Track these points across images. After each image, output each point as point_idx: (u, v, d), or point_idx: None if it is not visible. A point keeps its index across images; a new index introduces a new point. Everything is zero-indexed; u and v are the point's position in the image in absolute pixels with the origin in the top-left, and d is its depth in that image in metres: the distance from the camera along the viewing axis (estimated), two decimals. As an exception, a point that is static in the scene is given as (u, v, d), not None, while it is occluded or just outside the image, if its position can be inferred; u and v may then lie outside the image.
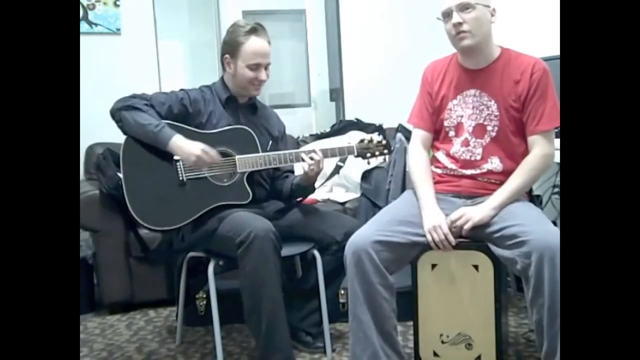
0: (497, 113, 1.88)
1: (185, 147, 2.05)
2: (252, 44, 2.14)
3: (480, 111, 1.90)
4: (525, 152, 1.88)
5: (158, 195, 2.07)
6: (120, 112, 2.07)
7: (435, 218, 1.83)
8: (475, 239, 1.84)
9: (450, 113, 1.95)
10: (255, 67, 2.15)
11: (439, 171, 1.99)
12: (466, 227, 1.80)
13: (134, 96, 2.10)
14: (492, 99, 1.89)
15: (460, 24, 1.82)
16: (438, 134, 2.01)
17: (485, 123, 1.89)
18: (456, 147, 1.94)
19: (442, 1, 1.87)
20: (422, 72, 2.06)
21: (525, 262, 1.65)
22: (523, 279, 1.71)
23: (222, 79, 2.27)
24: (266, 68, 2.19)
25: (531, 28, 2.99)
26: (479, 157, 1.90)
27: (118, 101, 2.09)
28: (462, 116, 1.93)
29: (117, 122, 2.09)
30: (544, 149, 1.85)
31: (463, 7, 1.82)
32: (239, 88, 2.21)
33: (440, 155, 1.99)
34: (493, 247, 1.79)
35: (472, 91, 1.92)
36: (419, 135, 2.04)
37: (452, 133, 1.96)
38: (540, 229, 1.67)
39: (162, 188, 2.08)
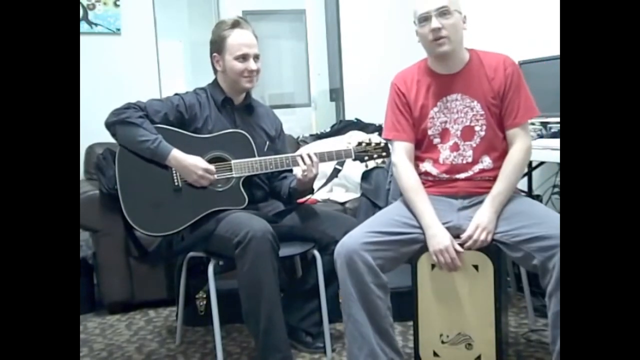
0: (482, 112, 1.89)
1: (185, 164, 2.05)
2: (237, 36, 2.15)
3: (465, 113, 1.90)
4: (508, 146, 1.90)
5: (154, 201, 2.07)
6: (114, 127, 2.06)
7: (441, 239, 1.80)
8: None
9: (434, 121, 1.93)
10: (243, 58, 2.15)
11: (429, 179, 1.97)
12: (489, 239, 1.80)
13: (128, 107, 2.07)
14: (474, 99, 1.89)
15: (439, 29, 1.81)
16: (420, 144, 1.98)
17: (473, 124, 1.90)
18: (445, 154, 1.92)
19: (418, 5, 1.85)
20: (391, 86, 2.01)
21: (545, 255, 1.64)
22: (540, 272, 1.69)
23: (215, 80, 2.26)
24: (255, 59, 2.18)
25: (531, 28, 2.99)
26: (470, 160, 1.91)
27: (112, 113, 2.07)
28: (446, 122, 1.92)
29: (112, 135, 2.08)
30: (525, 142, 1.88)
31: (442, 13, 1.81)
32: (232, 83, 2.20)
33: (427, 165, 1.97)
34: (502, 247, 1.79)
35: (454, 95, 1.91)
36: (403, 148, 1.96)
37: (437, 140, 1.94)
38: (555, 221, 1.68)
39: (157, 194, 2.08)
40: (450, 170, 1.93)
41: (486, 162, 1.90)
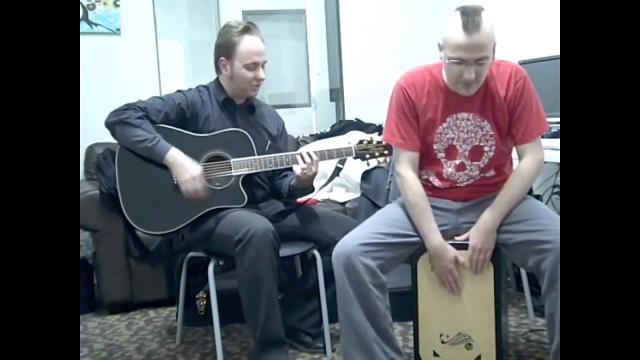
0: (492, 132, 1.83)
1: (182, 166, 2.03)
2: (247, 43, 2.13)
3: (475, 133, 1.84)
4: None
5: (153, 199, 2.07)
6: (114, 127, 2.06)
7: (445, 257, 1.80)
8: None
9: (441, 137, 1.86)
10: (253, 67, 2.14)
11: (429, 185, 1.92)
12: (488, 255, 1.79)
13: (128, 107, 2.07)
14: (485, 119, 1.83)
15: (472, 77, 1.69)
16: (422, 155, 1.90)
17: (482, 144, 1.85)
18: (450, 170, 1.88)
19: (453, 42, 1.66)
20: (397, 87, 1.87)
21: (539, 257, 1.65)
22: (536, 273, 1.70)
23: (217, 80, 2.25)
24: (263, 66, 2.17)
25: (531, 28, 2.99)
26: (476, 176, 1.89)
27: (112, 113, 2.07)
28: (453, 139, 1.85)
29: (111, 134, 2.09)
30: (535, 156, 1.82)
31: (480, 63, 1.68)
32: (237, 90, 2.20)
33: (430, 175, 1.93)
34: (501, 246, 1.80)
35: (465, 115, 1.83)
36: (409, 158, 1.87)
37: (441, 155, 1.88)
38: (552, 223, 1.68)
39: (157, 192, 2.07)
40: (453, 183, 1.90)
41: (490, 173, 1.89)
